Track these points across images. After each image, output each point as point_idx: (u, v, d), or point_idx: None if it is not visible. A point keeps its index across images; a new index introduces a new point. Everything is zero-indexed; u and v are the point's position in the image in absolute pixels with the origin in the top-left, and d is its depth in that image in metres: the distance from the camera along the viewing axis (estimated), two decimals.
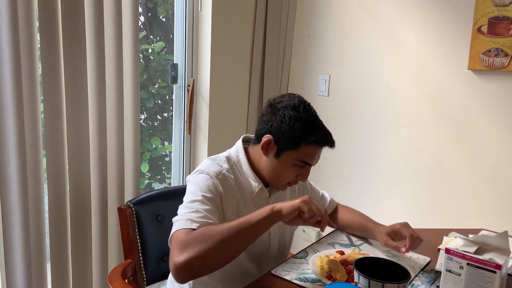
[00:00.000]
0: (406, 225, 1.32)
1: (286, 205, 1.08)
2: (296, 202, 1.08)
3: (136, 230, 1.40)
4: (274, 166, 1.25)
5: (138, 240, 1.40)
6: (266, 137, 1.23)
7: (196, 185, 1.19)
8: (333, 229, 1.54)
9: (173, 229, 1.10)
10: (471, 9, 1.93)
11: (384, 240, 1.32)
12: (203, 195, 1.16)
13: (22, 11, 1.50)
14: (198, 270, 1.04)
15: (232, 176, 1.25)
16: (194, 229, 1.06)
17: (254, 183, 1.27)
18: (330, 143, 1.24)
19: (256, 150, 1.28)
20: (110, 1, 1.75)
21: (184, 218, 1.10)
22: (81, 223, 1.75)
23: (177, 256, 1.02)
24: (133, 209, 1.41)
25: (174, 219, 1.14)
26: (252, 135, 1.36)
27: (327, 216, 1.13)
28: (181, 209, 1.16)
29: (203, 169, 1.23)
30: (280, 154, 1.23)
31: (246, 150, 1.31)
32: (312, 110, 1.25)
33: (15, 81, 1.48)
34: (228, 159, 1.29)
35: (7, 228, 1.56)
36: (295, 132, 1.20)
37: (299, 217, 1.09)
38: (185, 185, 1.23)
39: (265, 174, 1.28)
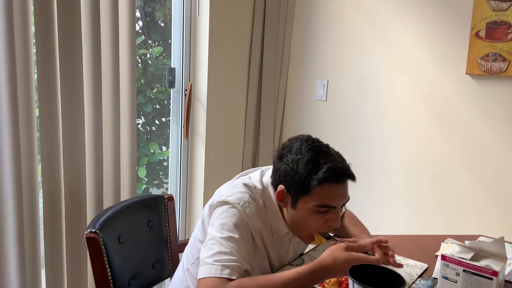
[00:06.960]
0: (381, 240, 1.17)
1: (336, 271, 1.03)
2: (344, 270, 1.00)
3: (106, 259, 1.24)
4: (294, 217, 1.14)
5: (108, 271, 1.25)
6: (278, 188, 1.14)
7: (230, 218, 1.11)
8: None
9: (205, 272, 1.03)
10: (469, 13, 1.93)
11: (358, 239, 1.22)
12: (240, 234, 1.08)
13: (17, 16, 1.50)
14: None
15: (263, 213, 1.17)
16: (228, 279, 1.01)
17: (284, 229, 1.20)
18: (344, 175, 1.10)
19: None
20: (107, 6, 1.75)
21: (218, 264, 1.02)
22: (76, 229, 1.74)
23: None
24: (101, 235, 1.23)
25: (204, 257, 1.06)
26: None
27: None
28: (212, 244, 1.07)
29: (236, 203, 1.13)
30: (296, 203, 1.12)
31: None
32: (318, 146, 1.14)
33: (10, 86, 1.48)
34: (263, 193, 1.19)
35: (1, 234, 1.54)
36: (301, 175, 1.09)
37: None
38: (139, 198, 1.22)
39: (289, 226, 1.19)
